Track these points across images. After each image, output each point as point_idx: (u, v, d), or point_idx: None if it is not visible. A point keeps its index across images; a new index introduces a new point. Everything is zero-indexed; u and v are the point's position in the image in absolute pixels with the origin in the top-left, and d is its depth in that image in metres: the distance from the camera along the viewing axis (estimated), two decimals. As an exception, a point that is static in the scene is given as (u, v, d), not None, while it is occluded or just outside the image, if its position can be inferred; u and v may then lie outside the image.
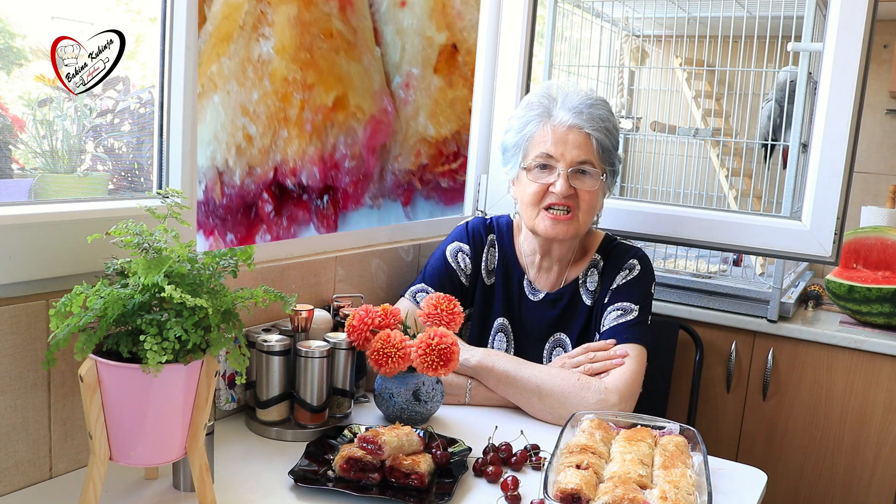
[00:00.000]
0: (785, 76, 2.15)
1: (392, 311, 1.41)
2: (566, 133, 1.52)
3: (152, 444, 0.98)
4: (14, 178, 1.25)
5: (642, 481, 1.10)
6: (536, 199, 1.54)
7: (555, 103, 1.55)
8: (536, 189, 1.54)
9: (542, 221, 1.55)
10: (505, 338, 1.66)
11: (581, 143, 1.52)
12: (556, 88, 1.59)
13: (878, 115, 2.65)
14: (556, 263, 1.64)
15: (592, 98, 1.56)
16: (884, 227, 2.25)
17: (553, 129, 1.53)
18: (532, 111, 1.57)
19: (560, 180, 1.51)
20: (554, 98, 1.56)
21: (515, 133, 1.59)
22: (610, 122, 1.56)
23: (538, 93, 1.60)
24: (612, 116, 1.57)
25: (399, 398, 1.38)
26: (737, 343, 2.07)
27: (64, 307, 0.95)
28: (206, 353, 0.99)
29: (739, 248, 1.87)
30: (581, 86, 1.63)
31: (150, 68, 1.31)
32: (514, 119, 1.61)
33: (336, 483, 1.13)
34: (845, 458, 1.99)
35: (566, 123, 1.52)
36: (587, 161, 1.52)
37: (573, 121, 1.52)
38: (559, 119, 1.53)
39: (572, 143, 1.52)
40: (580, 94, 1.56)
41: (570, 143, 1.52)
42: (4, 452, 1.05)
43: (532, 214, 1.56)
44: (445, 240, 1.71)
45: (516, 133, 1.58)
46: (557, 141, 1.52)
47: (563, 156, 1.51)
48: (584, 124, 1.52)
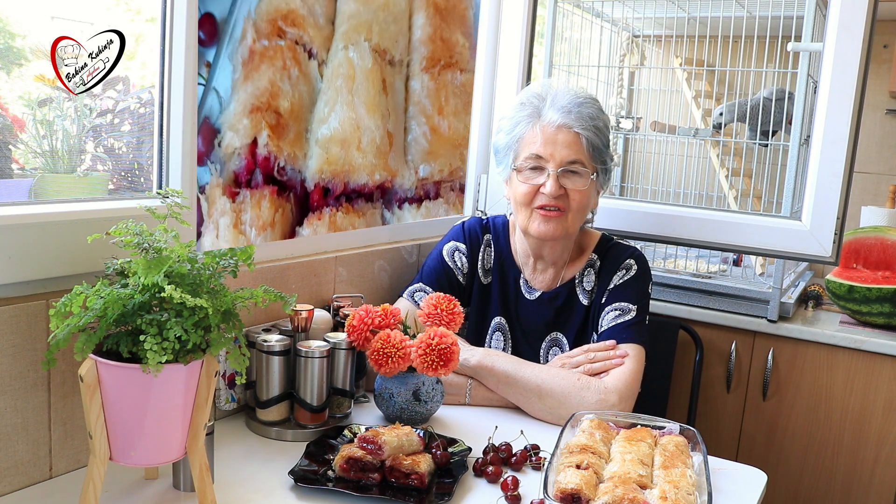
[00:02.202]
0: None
1: (392, 311, 1.41)
2: (555, 133, 1.52)
3: (152, 444, 0.98)
4: (14, 178, 1.25)
5: (642, 481, 1.10)
6: (527, 200, 1.55)
7: (544, 103, 1.55)
8: (527, 190, 1.54)
9: (533, 222, 1.55)
10: (502, 337, 1.66)
11: (570, 142, 1.52)
12: (546, 87, 1.58)
13: (878, 115, 2.65)
14: (550, 266, 1.64)
15: (582, 96, 1.56)
16: (884, 227, 2.25)
17: (542, 130, 1.53)
18: (522, 111, 1.57)
19: (550, 181, 1.51)
20: (543, 97, 1.56)
21: (506, 134, 1.59)
22: (600, 121, 1.56)
23: (529, 92, 1.60)
24: (602, 114, 1.57)
25: (399, 398, 1.38)
26: (737, 343, 2.07)
27: (64, 307, 0.95)
28: (206, 353, 0.99)
29: (739, 248, 1.87)
30: (572, 84, 1.63)
31: (150, 68, 1.31)
32: (504, 120, 1.61)
33: (336, 483, 1.13)
34: (845, 458, 1.99)
35: (555, 123, 1.52)
36: (577, 160, 1.52)
37: (562, 120, 1.52)
38: (548, 119, 1.53)
39: (562, 143, 1.52)
40: (569, 93, 1.55)
41: (559, 143, 1.52)
42: (4, 452, 1.06)
43: (525, 215, 1.57)
44: (442, 239, 1.71)
45: (507, 134, 1.59)
46: (547, 141, 1.52)
47: (552, 156, 1.51)
48: (573, 123, 1.52)
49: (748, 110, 2.19)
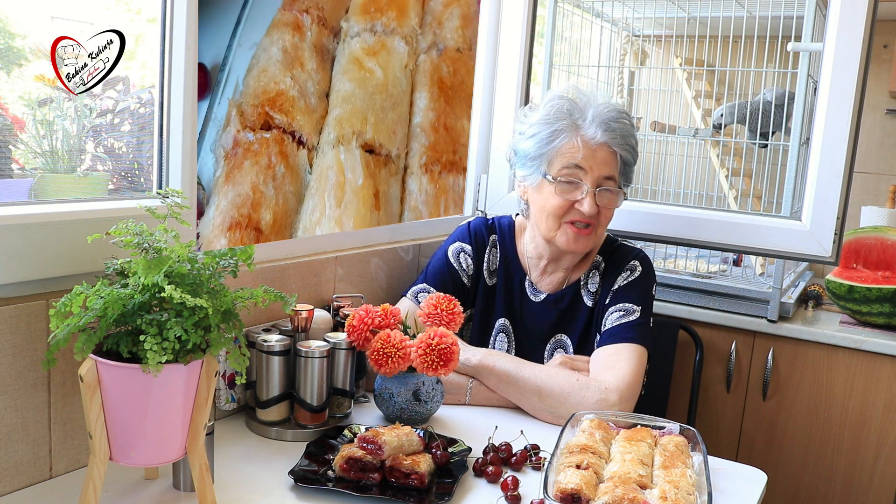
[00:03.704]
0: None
1: (392, 311, 1.41)
2: (595, 149, 1.51)
3: (152, 444, 0.98)
4: (14, 178, 1.24)
5: (642, 481, 1.10)
6: (559, 213, 1.54)
7: (584, 114, 1.52)
8: (561, 203, 1.53)
9: (562, 235, 1.55)
10: (506, 338, 1.66)
11: (608, 160, 1.52)
12: (581, 96, 1.55)
13: (878, 115, 2.65)
14: (561, 270, 1.64)
15: (617, 111, 1.54)
16: (884, 227, 2.25)
17: (583, 143, 1.51)
18: (559, 120, 1.53)
19: (587, 199, 1.50)
20: (582, 108, 1.53)
21: (540, 142, 1.54)
22: (634, 139, 1.57)
23: (562, 100, 1.55)
24: (634, 130, 1.58)
25: (399, 398, 1.38)
26: (737, 343, 2.07)
27: (64, 307, 0.95)
28: (206, 353, 0.99)
29: (739, 248, 1.87)
30: (602, 91, 1.61)
31: (150, 68, 1.31)
32: (537, 126, 1.55)
33: (336, 483, 1.13)
34: (845, 458, 1.99)
35: (597, 139, 1.51)
36: (611, 177, 1.53)
37: (603, 138, 1.51)
38: (590, 134, 1.51)
39: (601, 160, 1.51)
40: (608, 107, 1.53)
41: (598, 159, 1.51)
42: (4, 452, 1.05)
43: (552, 226, 1.55)
44: (447, 240, 1.71)
45: (541, 142, 1.54)
46: (587, 155, 1.51)
47: (591, 168, 1.50)
48: (613, 142, 1.52)
49: (748, 113, 2.19)
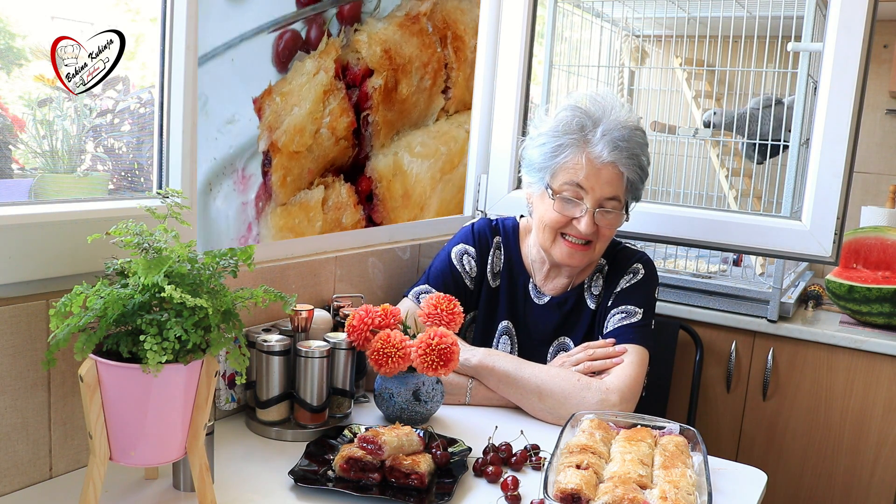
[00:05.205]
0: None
1: (392, 311, 1.41)
2: (600, 168, 1.49)
3: (152, 444, 0.98)
4: (14, 178, 1.24)
5: (642, 481, 1.10)
6: (556, 227, 1.53)
7: (594, 130, 1.49)
8: (558, 218, 1.52)
9: (558, 249, 1.55)
10: (509, 340, 1.66)
11: (612, 180, 1.50)
12: (596, 108, 1.52)
13: (878, 115, 2.65)
14: (564, 275, 1.64)
15: (630, 126, 1.51)
16: (884, 227, 2.25)
17: (588, 161, 1.49)
18: (569, 134, 1.50)
19: (585, 219, 1.49)
20: (595, 122, 1.50)
21: (546, 153, 1.52)
22: (644, 157, 1.54)
23: (577, 109, 1.52)
24: (646, 148, 1.55)
25: (399, 398, 1.38)
26: (737, 343, 2.07)
27: (64, 307, 0.95)
28: (206, 353, 0.99)
29: (739, 248, 1.87)
30: (618, 104, 1.54)
31: (150, 68, 1.31)
32: (545, 136, 1.53)
33: (336, 483, 1.13)
34: (845, 458, 1.99)
35: (603, 159, 1.48)
36: (614, 197, 1.51)
37: (610, 157, 1.48)
38: (596, 152, 1.48)
39: (604, 180, 1.49)
40: (620, 123, 1.50)
41: (602, 178, 1.49)
42: (4, 452, 1.05)
43: (548, 238, 1.55)
44: (450, 241, 1.70)
45: (547, 154, 1.52)
46: (590, 174, 1.48)
47: (592, 189, 1.49)
48: (619, 161, 1.49)
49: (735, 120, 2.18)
